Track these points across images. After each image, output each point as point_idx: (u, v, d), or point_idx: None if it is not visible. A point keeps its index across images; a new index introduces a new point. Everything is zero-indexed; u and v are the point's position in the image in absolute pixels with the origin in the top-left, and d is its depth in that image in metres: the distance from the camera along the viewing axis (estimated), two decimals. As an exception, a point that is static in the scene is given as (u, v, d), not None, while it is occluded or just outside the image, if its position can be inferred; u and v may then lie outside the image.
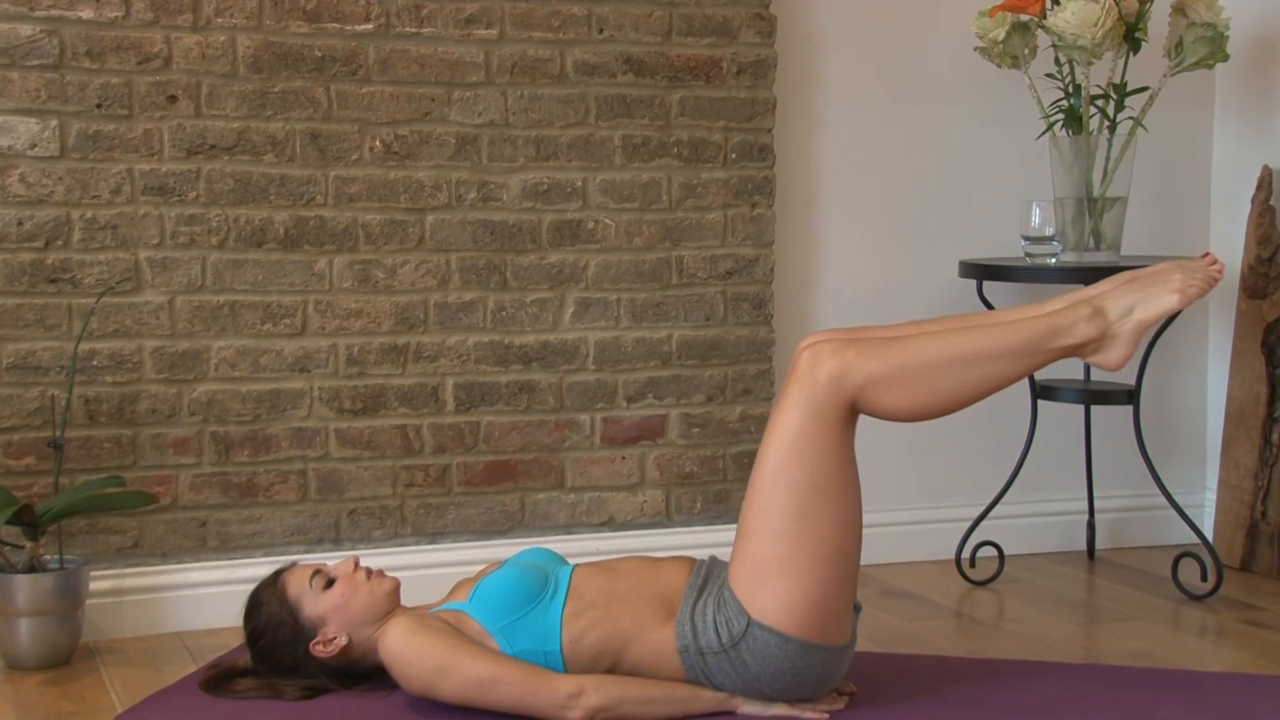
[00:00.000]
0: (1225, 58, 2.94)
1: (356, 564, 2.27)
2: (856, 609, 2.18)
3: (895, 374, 2.06)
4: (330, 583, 2.24)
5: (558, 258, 2.94)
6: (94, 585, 2.66)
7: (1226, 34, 2.91)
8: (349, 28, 2.78)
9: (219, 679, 2.29)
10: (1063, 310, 2.12)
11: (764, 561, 2.08)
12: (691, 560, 2.26)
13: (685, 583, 2.19)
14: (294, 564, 2.31)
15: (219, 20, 2.71)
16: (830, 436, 2.07)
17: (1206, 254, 2.20)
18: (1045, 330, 2.09)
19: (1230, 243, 3.31)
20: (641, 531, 3.01)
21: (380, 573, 2.28)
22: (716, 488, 3.06)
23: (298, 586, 2.24)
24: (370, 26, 2.79)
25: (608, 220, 2.96)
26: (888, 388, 2.07)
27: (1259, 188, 3.21)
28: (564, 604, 2.16)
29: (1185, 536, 3.12)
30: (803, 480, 2.06)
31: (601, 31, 2.92)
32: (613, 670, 2.15)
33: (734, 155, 3.01)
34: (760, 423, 3.06)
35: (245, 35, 2.73)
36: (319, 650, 2.22)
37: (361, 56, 2.80)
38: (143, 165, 2.70)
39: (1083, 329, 2.10)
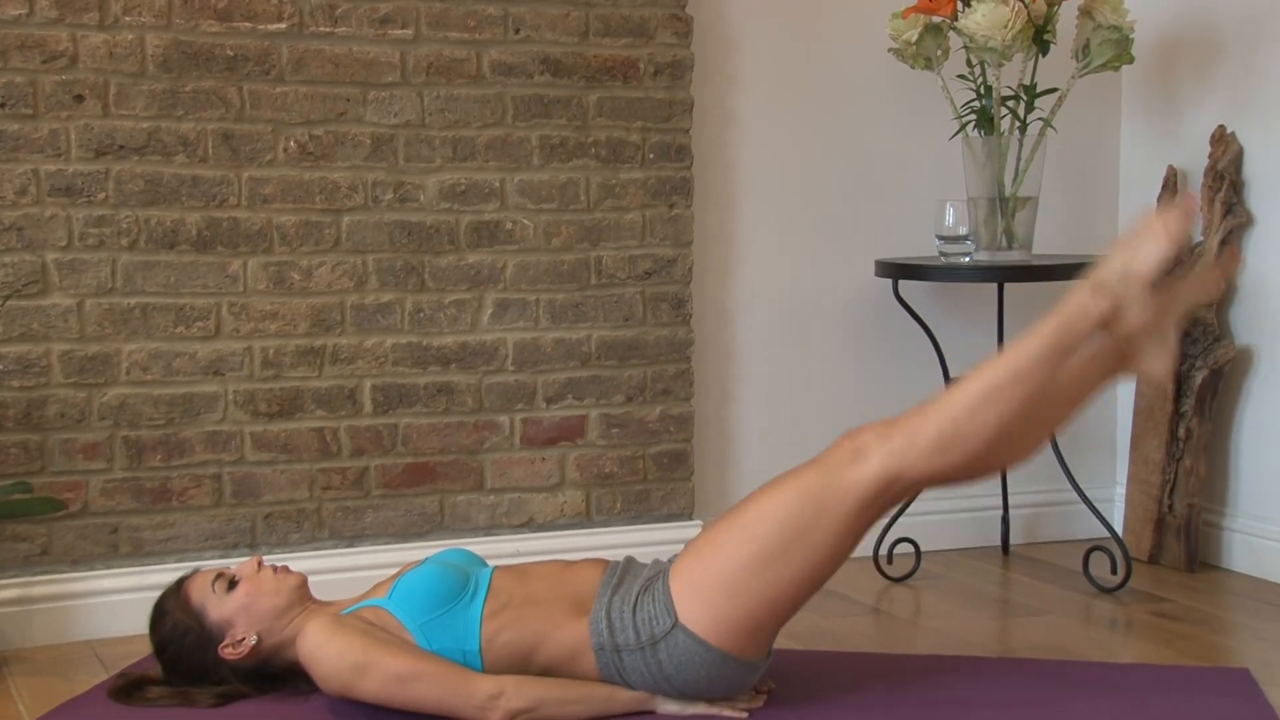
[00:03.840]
0: (1130, 60, 3.00)
1: (260, 564, 2.26)
2: None
3: (942, 439, 2.05)
4: (233, 584, 2.22)
5: (476, 258, 2.93)
6: (1, 594, 2.61)
7: (1132, 37, 2.97)
8: (261, 27, 2.75)
9: (130, 687, 2.26)
10: (1066, 302, 2.13)
11: (716, 576, 2.08)
12: (605, 561, 2.26)
13: (599, 582, 2.20)
14: (196, 570, 2.29)
15: (127, 19, 2.67)
16: (846, 511, 2.06)
17: (1186, 191, 2.22)
18: (1059, 327, 2.10)
19: (1138, 242, 3.38)
20: (562, 532, 3.01)
21: (285, 568, 2.27)
22: (637, 488, 3.06)
23: (201, 592, 2.23)
24: (283, 26, 2.76)
25: (526, 221, 2.95)
26: (939, 456, 2.05)
27: (1164, 187, 3.27)
28: (484, 604, 2.16)
29: (1096, 531, 3.18)
30: (795, 524, 2.06)
31: (518, 32, 2.92)
32: (527, 669, 2.15)
33: (652, 156, 3.02)
34: (680, 422, 3.07)
35: (154, 34, 2.69)
36: (228, 653, 2.20)
37: (274, 56, 2.77)
38: (49, 165, 2.65)
39: (1092, 308, 2.11)
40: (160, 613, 2.24)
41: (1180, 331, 2.24)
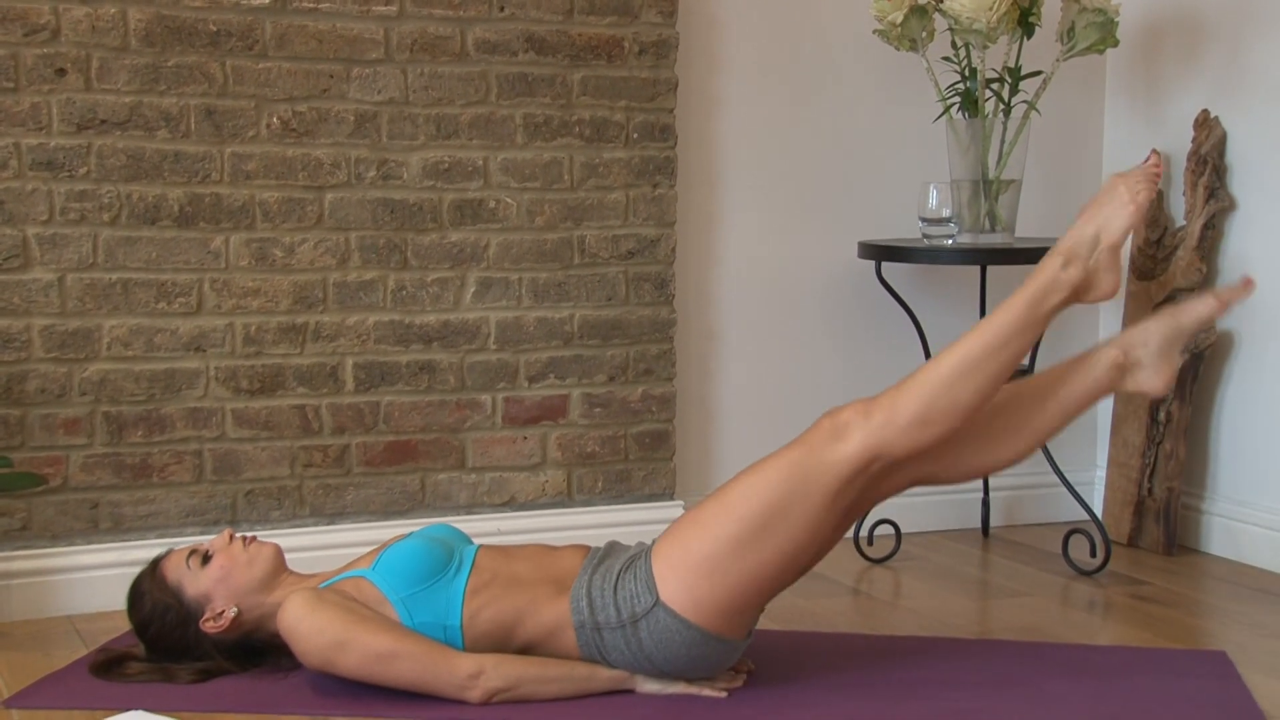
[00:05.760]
0: (1115, 43, 3.01)
1: (231, 536, 2.26)
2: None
3: (922, 415, 2.06)
4: (207, 558, 2.23)
5: (459, 237, 2.92)
6: (-19, 569, 2.61)
7: (1116, 20, 2.97)
8: (244, 2, 2.74)
9: (110, 663, 2.26)
10: (1037, 273, 2.14)
11: (696, 554, 2.09)
12: (587, 547, 2.27)
13: (580, 566, 2.20)
14: (169, 551, 2.29)
15: (110, -8, 2.65)
16: (827, 490, 2.07)
17: (1150, 153, 2.22)
18: (1032, 299, 2.11)
19: (1121, 226, 3.39)
20: (543, 511, 3.01)
21: (257, 539, 2.27)
22: (618, 467, 3.07)
23: (176, 569, 2.23)
24: (267, 1, 2.75)
25: (509, 199, 2.95)
26: (918, 432, 2.06)
27: (1148, 172, 3.28)
28: (467, 580, 2.16)
29: (1076, 513, 3.19)
30: (776, 503, 2.07)
31: (503, 10, 2.90)
32: (507, 646, 2.15)
33: (636, 135, 3.01)
34: (662, 402, 3.07)
35: (136, 8, 2.67)
36: (209, 626, 2.20)
37: (258, 31, 2.75)
38: (30, 139, 2.63)
39: (1064, 278, 2.12)
40: (138, 594, 2.24)
41: (1182, 352, 2.26)
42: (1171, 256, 3.20)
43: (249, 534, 2.30)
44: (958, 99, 3.05)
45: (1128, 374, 2.23)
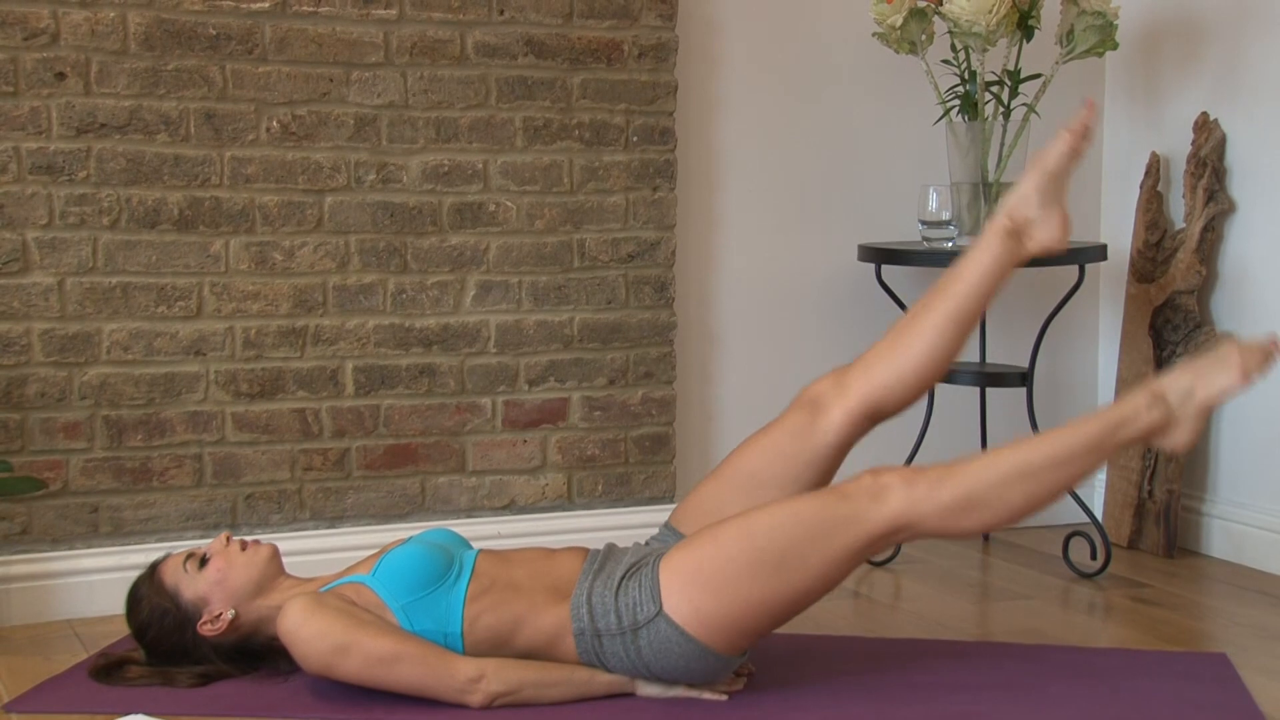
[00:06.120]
0: (1114, 46, 3.01)
1: (228, 539, 2.27)
2: None
3: (965, 501, 2.04)
4: (204, 561, 2.23)
5: (459, 240, 2.92)
6: (-19, 573, 2.61)
7: (1116, 23, 2.98)
8: (244, 5, 2.74)
9: (110, 667, 2.26)
10: (1120, 403, 2.12)
11: (707, 572, 2.08)
12: (586, 550, 2.27)
13: (579, 570, 2.20)
14: (167, 555, 2.30)
15: (109, -4, 2.66)
16: (850, 545, 2.06)
17: (1272, 337, 2.18)
18: (1106, 426, 2.09)
19: (1120, 227, 3.39)
20: (543, 515, 3.01)
21: (255, 541, 2.28)
22: (618, 471, 3.07)
23: (173, 573, 2.24)
24: (266, 5, 2.75)
25: (509, 203, 2.95)
26: (957, 516, 2.05)
27: (1147, 174, 3.28)
28: (467, 587, 2.16)
29: (1076, 516, 3.19)
30: (797, 543, 2.06)
31: (502, 13, 2.91)
32: (507, 652, 2.15)
33: (635, 138, 3.02)
34: (662, 405, 3.07)
35: (136, 12, 2.67)
36: (206, 629, 2.20)
37: (258, 35, 2.75)
38: (30, 144, 2.63)
39: (1145, 417, 2.09)
40: (135, 598, 2.25)
41: (1065, 196, 2.26)
42: (1171, 259, 3.20)
43: (248, 538, 2.30)
44: (957, 102, 3.05)
45: (1024, 237, 2.24)
